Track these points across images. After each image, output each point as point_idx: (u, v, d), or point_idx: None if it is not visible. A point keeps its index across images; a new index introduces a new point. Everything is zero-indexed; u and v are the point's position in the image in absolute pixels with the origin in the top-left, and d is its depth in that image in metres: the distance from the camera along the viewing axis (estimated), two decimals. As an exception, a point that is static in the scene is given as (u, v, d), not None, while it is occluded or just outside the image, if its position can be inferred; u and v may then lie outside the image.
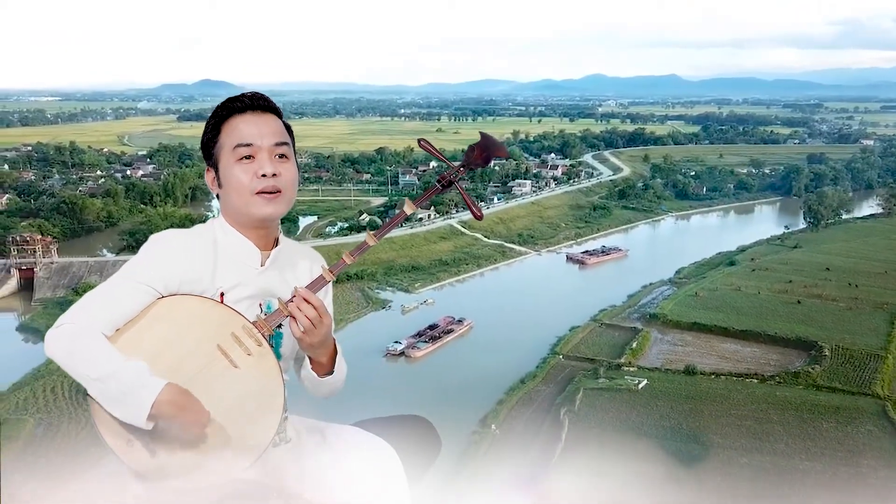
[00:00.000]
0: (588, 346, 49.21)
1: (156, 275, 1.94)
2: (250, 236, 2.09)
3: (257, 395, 1.95)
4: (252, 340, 1.96)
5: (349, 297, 60.65)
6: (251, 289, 2.06)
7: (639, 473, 32.24)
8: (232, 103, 2.08)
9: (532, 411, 39.57)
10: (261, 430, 1.95)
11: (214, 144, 2.08)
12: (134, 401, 1.77)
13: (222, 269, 2.03)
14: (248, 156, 2.03)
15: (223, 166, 2.06)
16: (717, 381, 42.60)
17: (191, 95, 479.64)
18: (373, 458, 2.22)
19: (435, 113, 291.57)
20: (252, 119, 2.07)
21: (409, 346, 49.48)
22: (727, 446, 35.10)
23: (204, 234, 2.08)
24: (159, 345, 1.90)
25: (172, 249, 2.00)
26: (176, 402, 1.80)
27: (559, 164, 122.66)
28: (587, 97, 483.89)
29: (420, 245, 74.96)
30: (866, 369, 43.70)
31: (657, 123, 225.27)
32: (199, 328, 1.94)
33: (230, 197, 2.06)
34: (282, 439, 2.11)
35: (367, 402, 26.13)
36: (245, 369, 1.94)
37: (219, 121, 2.08)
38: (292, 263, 2.19)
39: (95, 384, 1.80)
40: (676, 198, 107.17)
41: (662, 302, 57.32)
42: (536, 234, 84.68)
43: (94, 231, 78.45)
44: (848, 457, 34.09)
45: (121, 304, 1.91)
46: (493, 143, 2.18)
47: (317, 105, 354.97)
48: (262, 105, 2.09)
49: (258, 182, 2.02)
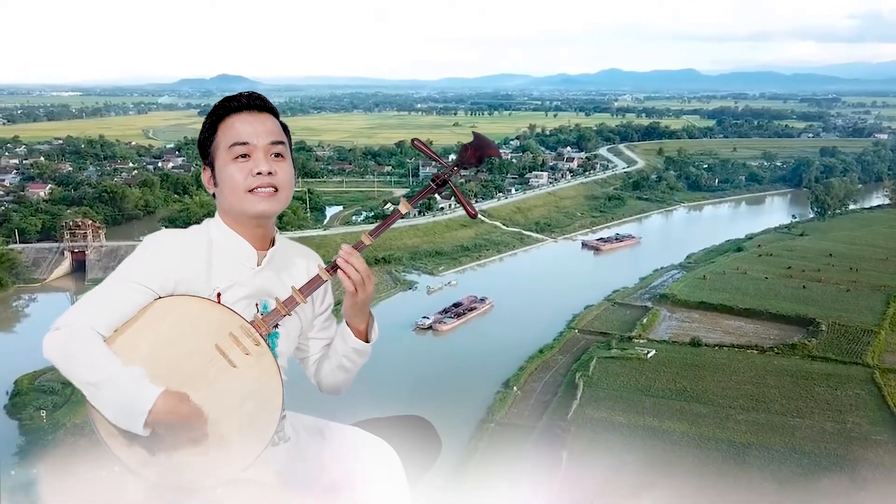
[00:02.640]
0: (601, 321, 53.15)
1: (152, 275, 1.97)
2: (246, 236, 2.11)
3: (256, 395, 1.98)
4: (250, 340, 1.99)
5: (378, 278, 63.78)
6: (248, 289, 2.08)
7: (646, 427, 36.46)
8: (228, 102, 2.11)
9: (550, 376, 43.60)
10: (260, 429, 1.98)
11: (211, 143, 2.10)
12: (130, 409, 1.80)
13: (218, 269, 2.05)
14: (243, 154, 2.06)
15: (219, 165, 2.09)
16: (720, 351, 46.37)
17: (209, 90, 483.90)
18: (373, 458, 2.25)
19: (451, 107, 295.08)
20: (248, 118, 2.09)
21: (436, 321, 53.64)
22: (727, 406, 38.94)
23: (199, 235, 2.10)
24: (157, 345, 1.92)
25: (168, 250, 2.02)
26: (172, 410, 1.83)
27: (575, 157, 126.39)
28: (603, 92, 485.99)
29: (442, 232, 79.06)
30: (859, 342, 47.26)
31: (672, 118, 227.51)
32: (196, 328, 1.96)
33: (225, 195, 2.08)
34: (281, 438, 2.14)
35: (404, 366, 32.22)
36: (243, 369, 1.96)
37: (215, 120, 2.11)
38: (289, 263, 2.21)
39: (91, 389, 1.82)
40: (689, 189, 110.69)
41: (672, 284, 61.17)
42: (553, 222, 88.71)
43: (133, 219, 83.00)
44: (835, 415, 37.84)
45: (118, 306, 1.93)
46: (486, 143, 2.20)
47: (334, 100, 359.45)
48: (259, 105, 2.12)
49: (253, 180, 2.05)
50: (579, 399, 39.02)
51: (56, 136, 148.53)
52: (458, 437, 35.52)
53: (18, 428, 37.38)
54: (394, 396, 39.79)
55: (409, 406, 37.80)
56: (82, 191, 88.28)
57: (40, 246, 67.92)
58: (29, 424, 36.99)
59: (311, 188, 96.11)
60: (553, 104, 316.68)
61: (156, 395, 1.81)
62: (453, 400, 39.19)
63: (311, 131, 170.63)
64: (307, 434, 2.27)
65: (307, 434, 2.27)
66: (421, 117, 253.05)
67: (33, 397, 39.02)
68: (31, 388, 40.08)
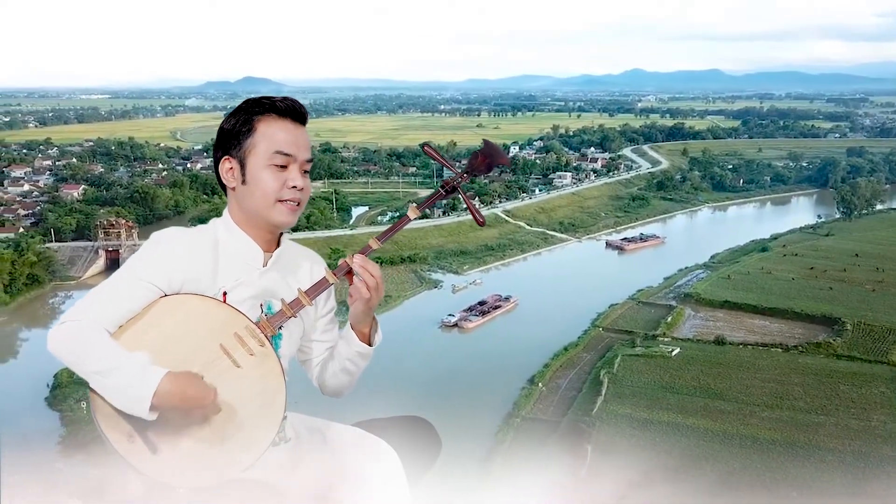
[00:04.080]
0: (626, 320, 53.62)
1: (159, 273, 1.97)
2: (255, 237, 2.12)
3: (259, 395, 1.99)
4: (255, 341, 1.99)
5: (403, 277, 65.91)
6: (253, 289, 2.10)
7: (670, 423, 36.95)
8: (276, 103, 2.08)
9: (574, 373, 44.18)
10: (262, 429, 1.99)
11: (246, 138, 2.06)
12: (135, 392, 1.81)
13: (225, 269, 2.07)
14: (282, 165, 2.06)
15: (252, 164, 2.05)
16: (745, 350, 46.64)
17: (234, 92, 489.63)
18: (373, 459, 2.25)
19: (474, 108, 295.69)
20: (292, 128, 2.09)
21: (462, 318, 54.42)
22: (751, 403, 39.28)
23: (206, 234, 2.10)
24: (162, 343, 1.94)
25: (176, 248, 2.02)
26: (177, 391, 1.84)
27: (599, 158, 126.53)
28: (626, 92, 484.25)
29: (467, 232, 79.75)
30: (885, 341, 47.28)
31: (697, 118, 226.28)
32: (201, 327, 1.97)
33: (252, 197, 2.06)
34: (281, 439, 2.15)
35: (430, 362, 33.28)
36: (247, 369, 1.98)
37: (252, 115, 2.07)
38: (294, 265, 2.21)
39: (97, 378, 1.84)
40: (714, 190, 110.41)
41: (696, 283, 61.47)
42: (577, 222, 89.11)
43: (164, 219, 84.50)
44: (860, 413, 38.02)
45: (124, 302, 1.93)
46: (496, 151, 2.22)
47: (357, 101, 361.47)
48: (302, 117, 2.12)
49: (287, 192, 2.06)
50: (604, 395, 39.56)
51: (87, 138, 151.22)
52: (484, 430, 36.29)
53: (60, 419, 38.76)
54: (420, 392, 40.71)
55: (436, 401, 38.71)
56: (114, 191, 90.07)
57: (75, 245, 69.81)
58: (70, 416, 38.34)
59: (337, 189, 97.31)
60: (576, 105, 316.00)
61: (160, 377, 1.82)
62: (479, 395, 40.00)
63: (337, 133, 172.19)
64: (308, 434, 2.28)
65: (308, 434, 2.28)
66: (444, 118, 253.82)
67: (73, 389, 40.26)
68: (71, 381, 41.31)
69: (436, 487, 2.67)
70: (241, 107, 2.10)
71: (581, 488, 30.92)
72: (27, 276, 60.39)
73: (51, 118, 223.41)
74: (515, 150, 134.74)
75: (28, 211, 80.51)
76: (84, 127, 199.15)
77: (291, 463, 2.16)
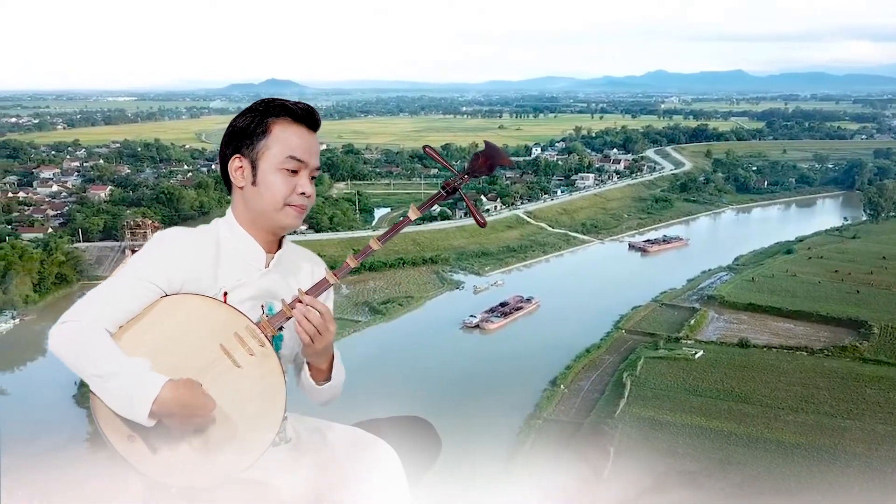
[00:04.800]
0: (649, 322, 53.44)
1: (160, 273, 1.98)
2: (258, 238, 2.13)
3: (259, 396, 2.00)
4: (255, 341, 2.00)
5: (425, 278, 66.19)
6: (254, 290, 2.10)
7: (694, 426, 36.80)
8: (292, 108, 2.10)
9: (597, 375, 44.13)
10: (262, 430, 1.99)
11: (260, 140, 2.07)
12: (135, 398, 1.81)
13: (226, 269, 2.07)
14: (294, 170, 2.08)
15: (265, 167, 2.07)
16: (769, 353, 46.30)
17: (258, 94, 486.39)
18: (373, 459, 2.24)
19: (496, 110, 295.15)
20: (306, 134, 2.11)
21: (483, 320, 54.49)
22: (775, 406, 39.02)
23: (208, 234, 2.11)
24: (162, 343, 1.94)
25: (177, 248, 2.03)
26: (177, 399, 1.84)
27: (621, 159, 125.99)
28: (649, 94, 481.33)
29: (488, 233, 79.76)
30: (913, 346, 46.73)
31: (720, 119, 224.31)
32: (202, 327, 1.98)
33: (261, 198, 2.07)
34: (282, 439, 2.16)
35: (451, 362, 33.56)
36: (247, 369, 1.98)
37: (267, 116, 2.08)
38: (295, 266, 2.22)
39: (98, 381, 1.84)
40: (738, 191, 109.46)
41: (720, 286, 61.07)
42: (599, 224, 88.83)
43: (189, 219, 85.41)
44: (887, 417, 37.61)
45: (125, 302, 1.94)
46: (498, 153, 2.20)
47: (380, 103, 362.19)
48: (316, 124, 2.14)
49: (296, 197, 2.08)
50: (626, 398, 39.49)
51: (114, 140, 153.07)
52: (506, 431, 36.38)
53: (87, 416, 39.39)
54: (441, 392, 40.93)
55: (457, 402, 38.93)
56: (140, 192, 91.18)
57: (102, 244, 70.92)
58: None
59: (359, 190, 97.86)
60: (598, 106, 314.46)
61: (161, 384, 1.83)
62: (501, 396, 40.08)
63: (359, 134, 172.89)
64: (308, 434, 2.28)
65: (308, 434, 2.28)
66: (466, 120, 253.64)
67: (101, 388, 40.93)
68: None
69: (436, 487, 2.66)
70: (256, 107, 2.12)
71: (604, 490, 30.91)
72: (55, 275, 61.40)
73: (79, 120, 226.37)
74: (537, 151, 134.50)
75: (57, 211, 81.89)
76: (111, 129, 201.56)
77: (291, 463, 2.16)
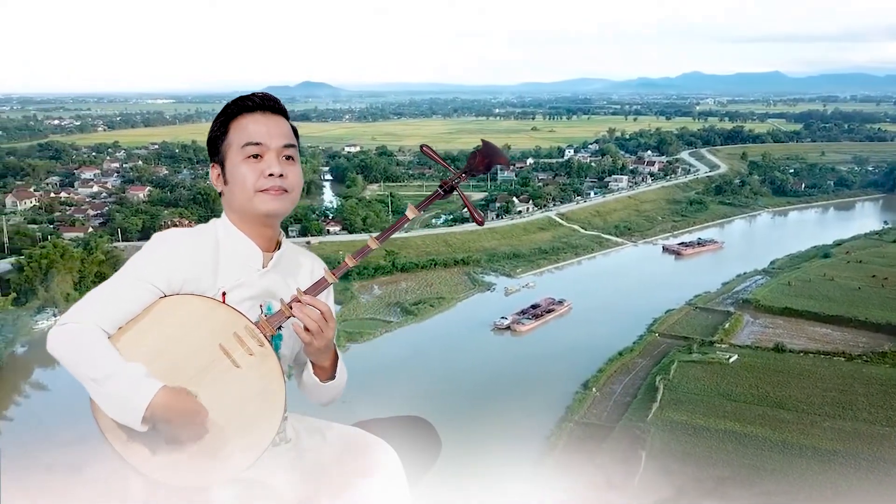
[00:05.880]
0: (682, 326, 52.93)
1: (159, 273, 1.98)
2: (253, 236, 2.13)
3: (259, 395, 1.99)
4: (254, 341, 2.00)
5: (456, 279, 66.37)
6: (253, 290, 2.10)
7: (727, 431, 36.40)
8: (242, 102, 2.12)
9: (629, 378, 43.82)
10: (262, 429, 1.99)
11: (222, 142, 2.11)
12: (129, 404, 1.82)
13: (224, 270, 2.07)
14: (255, 154, 2.07)
15: (230, 164, 2.09)
16: (805, 358, 45.56)
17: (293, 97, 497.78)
18: (373, 459, 2.24)
19: (529, 112, 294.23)
20: (262, 119, 2.10)
21: (514, 321, 54.40)
22: (811, 412, 38.35)
23: (206, 234, 2.11)
24: (162, 344, 1.94)
25: (176, 248, 2.02)
26: (170, 406, 1.84)
27: (656, 161, 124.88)
28: (684, 95, 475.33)
29: (520, 235, 79.79)
30: (955, 352, 45.63)
31: (757, 121, 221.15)
32: (201, 328, 1.98)
33: (235, 194, 2.09)
34: (282, 439, 2.16)
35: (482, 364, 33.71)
36: (247, 369, 1.98)
37: (227, 119, 2.11)
38: (294, 266, 2.23)
39: (93, 385, 1.84)
40: (774, 194, 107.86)
41: (755, 289, 60.29)
42: (633, 226, 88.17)
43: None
44: (929, 426, 36.82)
45: (124, 303, 1.94)
46: (495, 151, 2.22)
47: (413, 105, 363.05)
48: (272, 106, 2.13)
49: (264, 181, 2.06)
50: (659, 401, 39.18)
51: (152, 142, 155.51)
52: (536, 433, 36.33)
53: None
54: (471, 394, 41.03)
55: (487, 403, 39.01)
56: (178, 193, 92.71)
57: (141, 244, 70.83)
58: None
59: (392, 192, 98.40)
60: (633, 108, 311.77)
61: (154, 391, 1.83)
62: (531, 398, 40.01)
63: (392, 136, 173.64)
64: (308, 434, 2.27)
65: (308, 434, 2.27)
66: (499, 122, 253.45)
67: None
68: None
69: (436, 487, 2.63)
70: (218, 115, 2.15)
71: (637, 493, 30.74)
72: (95, 273, 62.66)
73: (119, 122, 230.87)
74: (570, 152, 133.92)
75: (97, 211, 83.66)
76: (150, 130, 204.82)
77: (291, 463, 2.16)
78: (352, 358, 47.83)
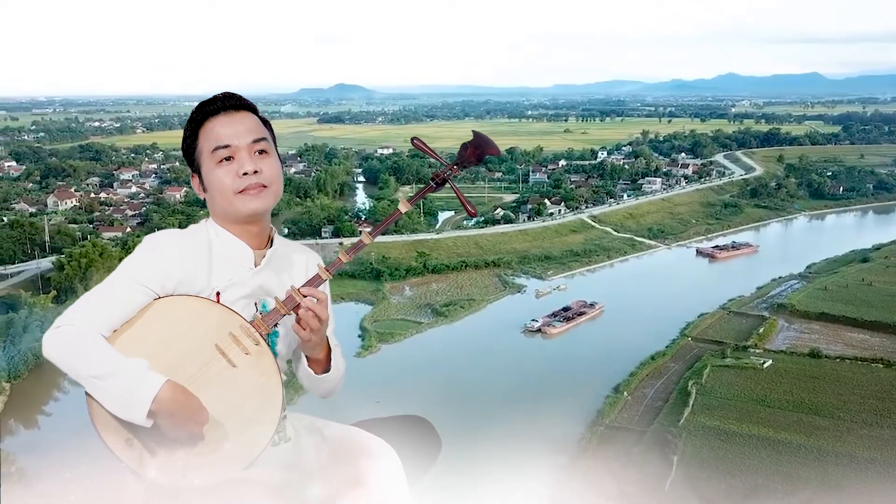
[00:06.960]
0: (716, 330, 52.34)
1: (153, 275, 1.98)
2: (242, 236, 2.12)
3: (256, 394, 1.99)
4: (250, 339, 1.99)
5: (487, 281, 66.43)
6: (247, 288, 2.10)
7: (761, 437, 35.97)
8: (205, 107, 2.10)
9: (661, 383, 43.48)
10: (260, 428, 1.99)
11: (194, 150, 2.10)
12: (134, 398, 1.80)
13: (217, 269, 2.07)
14: (227, 157, 2.06)
15: (205, 171, 2.08)
16: (842, 364, 44.78)
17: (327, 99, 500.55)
18: (373, 458, 2.24)
19: (562, 114, 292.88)
20: (226, 120, 2.09)
21: (545, 324, 54.30)
22: (848, 419, 37.70)
23: (200, 234, 2.11)
24: (157, 345, 1.93)
25: (169, 250, 2.02)
26: (176, 400, 1.84)
27: (690, 163, 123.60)
28: (719, 97, 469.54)
29: (552, 237, 79.55)
30: None
31: (794, 123, 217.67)
32: (196, 328, 1.97)
33: (216, 199, 2.09)
34: (281, 438, 2.16)
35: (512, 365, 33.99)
36: (243, 368, 1.98)
37: (195, 126, 2.10)
38: (288, 263, 2.22)
39: (95, 382, 1.82)
40: (811, 197, 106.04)
41: (791, 294, 59.40)
42: (666, 229, 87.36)
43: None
44: (969, 434, 36.00)
45: (118, 305, 1.94)
46: (486, 142, 2.22)
47: (446, 107, 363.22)
48: (235, 104, 2.12)
49: (240, 181, 2.05)
50: (691, 406, 38.83)
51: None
52: (567, 436, 36.26)
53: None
54: (502, 396, 41.09)
55: (518, 406, 39.02)
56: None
57: (178, 244, 73.36)
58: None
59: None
60: (667, 110, 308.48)
61: (160, 384, 1.82)
62: (562, 402, 39.92)
63: (425, 138, 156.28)
64: (307, 434, 2.27)
65: (307, 434, 2.27)
66: (531, 124, 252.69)
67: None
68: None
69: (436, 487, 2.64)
70: (187, 123, 2.14)
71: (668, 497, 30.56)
72: (132, 272, 64.07)
73: (157, 124, 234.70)
74: (603, 154, 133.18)
75: (135, 211, 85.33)
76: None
77: (291, 462, 2.16)
78: (382, 358, 48.30)
